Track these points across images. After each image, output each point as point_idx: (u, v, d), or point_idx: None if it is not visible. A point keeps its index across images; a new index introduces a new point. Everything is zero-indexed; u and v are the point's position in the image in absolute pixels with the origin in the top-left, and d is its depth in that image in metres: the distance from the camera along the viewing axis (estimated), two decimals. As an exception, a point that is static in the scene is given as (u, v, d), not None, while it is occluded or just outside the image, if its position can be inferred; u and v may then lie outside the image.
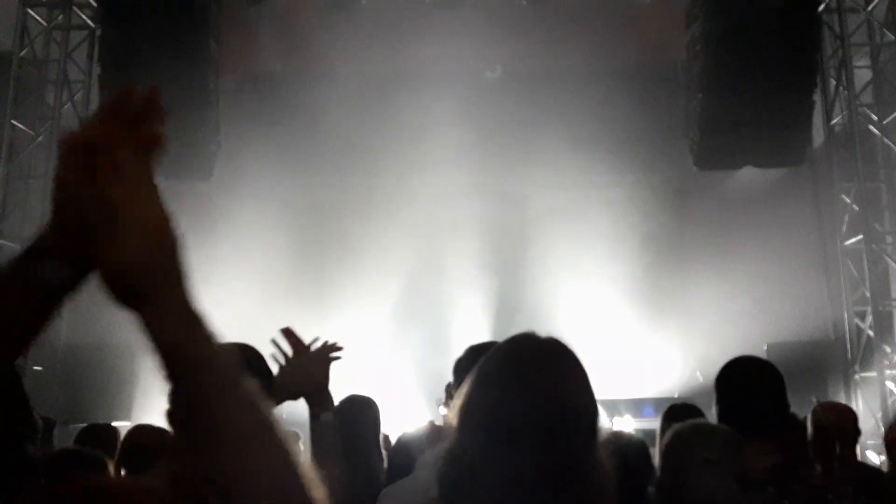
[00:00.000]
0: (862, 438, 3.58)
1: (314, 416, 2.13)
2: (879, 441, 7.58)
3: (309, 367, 2.16)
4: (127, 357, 8.52)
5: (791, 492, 1.84)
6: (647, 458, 2.90)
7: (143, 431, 3.11)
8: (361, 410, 3.30)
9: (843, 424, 2.93)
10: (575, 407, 1.17)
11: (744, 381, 2.36)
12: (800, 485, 1.93)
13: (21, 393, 1.00)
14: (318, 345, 2.22)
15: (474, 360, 1.27)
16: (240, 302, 7.91)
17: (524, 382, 1.17)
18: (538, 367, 1.20)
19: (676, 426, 1.99)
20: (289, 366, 2.15)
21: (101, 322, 8.40)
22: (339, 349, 2.25)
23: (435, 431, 2.66)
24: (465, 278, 9.58)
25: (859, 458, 3.65)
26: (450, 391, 2.38)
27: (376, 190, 9.80)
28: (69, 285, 0.84)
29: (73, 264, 0.81)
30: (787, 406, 2.30)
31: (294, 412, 2.23)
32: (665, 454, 1.83)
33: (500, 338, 1.34)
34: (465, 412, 1.18)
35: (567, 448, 1.13)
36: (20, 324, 0.86)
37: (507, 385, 1.17)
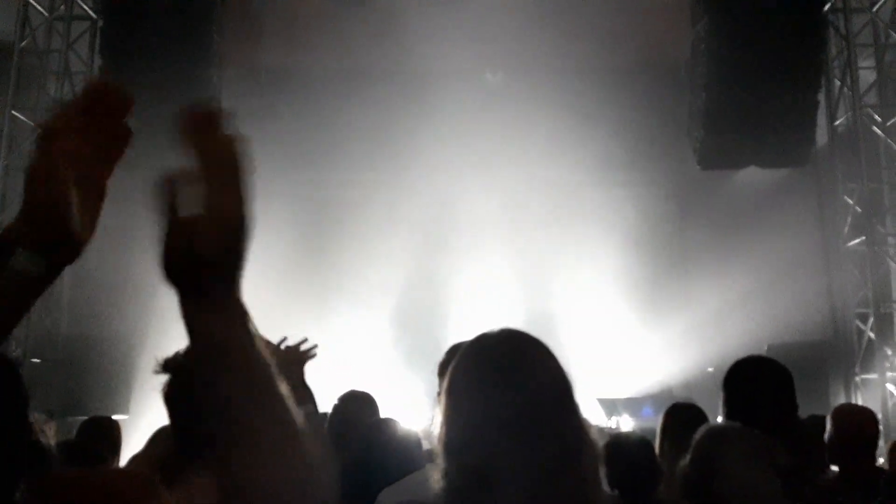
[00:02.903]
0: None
1: None
2: (880, 444, 7.57)
3: (283, 361, 2.19)
4: (126, 350, 8.50)
5: (800, 493, 1.82)
6: (653, 456, 2.88)
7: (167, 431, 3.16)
8: (362, 407, 3.28)
9: (864, 428, 2.89)
10: (560, 384, 1.19)
11: (752, 380, 2.34)
12: (809, 486, 1.91)
13: (20, 389, 0.99)
14: (289, 343, 2.26)
15: None
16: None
17: (508, 376, 1.18)
18: (515, 358, 1.21)
19: (709, 425, 1.98)
20: None
21: (100, 315, 8.39)
22: (314, 347, 2.29)
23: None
24: (465, 277, 9.57)
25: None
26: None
27: (378, 186, 9.77)
28: (44, 276, 0.83)
29: (46, 254, 0.81)
30: (795, 407, 2.28)
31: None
32: (698, 448, 1.82)
33: None
34: (460, 420, 1.19)
35: (569, 422, 1.16)
36: None
37: (493, 383, 1.18)
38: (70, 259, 0.83)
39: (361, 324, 9.09)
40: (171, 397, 1.60)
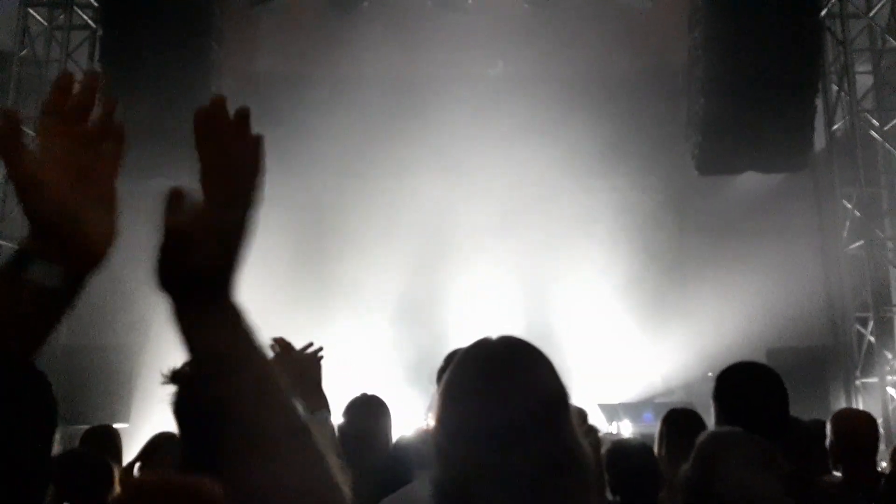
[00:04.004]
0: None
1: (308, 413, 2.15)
2: (881, 448, 7.56)
3: (301, 367, 2.22)
4: (125, 359, 8.49)
5: (804, 497, 1.82)
6: (654, 462, 2.88)
7: (166, 437, 3.19)
8: (374, 411, 3.31)
9: (865, 432, 2.90)
10: (553, 394, 1.19)
11: (743, 386, 2.33)
12: (810, 491, 1.90)
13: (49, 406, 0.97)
14: (312, 349, 2.30)
15: None
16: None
17: (501, 386, 1.18)
18: (508, 367, 1.21)
19: (712, 429, 1.98)
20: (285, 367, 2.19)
21: (100, 324, 8.38)
22: (320, 350, 2.35)
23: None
24: (464, 282, 9.56)
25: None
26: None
27: (377, 192, 9.78)
28: (65, 288, 0.82)
29: (60, 264, 0.80)
30: (786, 411, 2.27)
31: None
32: (700, 452, 1.82)
33: None
34: (450, 433, 1.19)
35: (560, 434, 1.15)
36: (18, 327, 0.84)
37: (486, 394, 1.18)
38: (88, 266, 0.81)
39: (361, 329, 9.08)
40: (180, 408, 1.60)
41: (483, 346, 1.26)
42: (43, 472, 0.87)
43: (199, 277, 0.71)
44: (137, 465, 3.17)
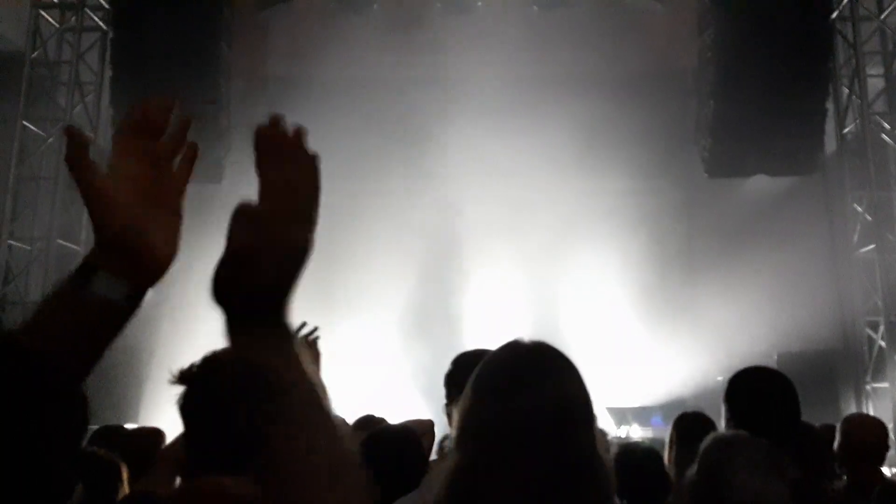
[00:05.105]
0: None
1: None
2: (892, 453, 7.51)
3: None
4: (134, 359, 8.52)
5: (809, 503, 1.81)
6: (662, 466, 2.86)
7: (143, 434, 3.19)
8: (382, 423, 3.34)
9: (873, 438, 2.88)
10: (576, 403, 1.21)
11: (755, 391, 2.32)
12: (819, 496, 1.89)
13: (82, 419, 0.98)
14: (305, 330, 2.27)
15: (463, 371, 1.28)
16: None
17: (525, 388, 1.19)
18: (535, 371, 1.22)
19: (717, 433, 1.98)
20: None
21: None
22: (315, 330, 2.40)
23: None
24: (472, 285, 9.56)
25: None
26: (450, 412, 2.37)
27: (385, 196, 9.78)
28: (126, 303, 0.83)
29: (126, 278, 0.81)
30: (798, 416, 2.26)
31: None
32: (705, 457, 1.81)
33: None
34: (470, 426, 1.21)
35: (576, 443, 1.16)
36: (80, 340, 0.85)
37: (509, 393, 1.19)
38: (151, 282, 0.83)
39: (369, 332, 9.08)
40: (187, 409, 1.61)
41: (513, 348, 1.27)
42: (72, 472, 0.87)
43: (258, 297, 0.71)
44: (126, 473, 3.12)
